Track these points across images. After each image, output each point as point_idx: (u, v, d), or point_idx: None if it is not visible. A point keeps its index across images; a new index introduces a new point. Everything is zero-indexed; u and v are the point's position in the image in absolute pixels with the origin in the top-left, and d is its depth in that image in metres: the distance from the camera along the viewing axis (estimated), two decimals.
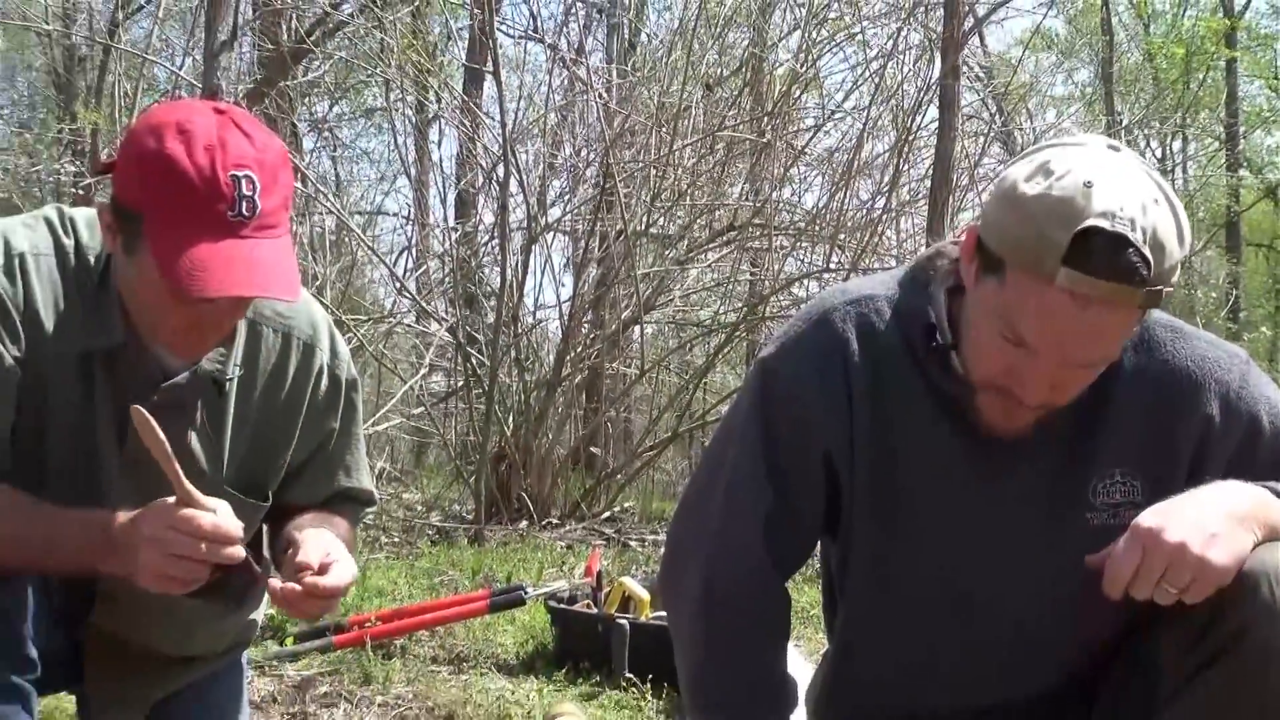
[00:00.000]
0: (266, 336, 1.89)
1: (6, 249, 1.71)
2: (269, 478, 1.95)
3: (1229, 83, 15.85)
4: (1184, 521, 1.41)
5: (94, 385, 1.77)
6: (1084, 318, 1.40)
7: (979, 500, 1.62)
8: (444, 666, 3.51)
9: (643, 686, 3.24)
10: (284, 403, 1.92)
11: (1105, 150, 1.48)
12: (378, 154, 13.37)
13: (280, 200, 1.68)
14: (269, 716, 3.12)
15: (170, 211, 1.61)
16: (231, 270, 1.60)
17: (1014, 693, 1.73)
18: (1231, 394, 1.60)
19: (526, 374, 7.11)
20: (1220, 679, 1.45)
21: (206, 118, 1.65)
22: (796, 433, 1.64)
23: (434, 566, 4.96)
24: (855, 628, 1.77)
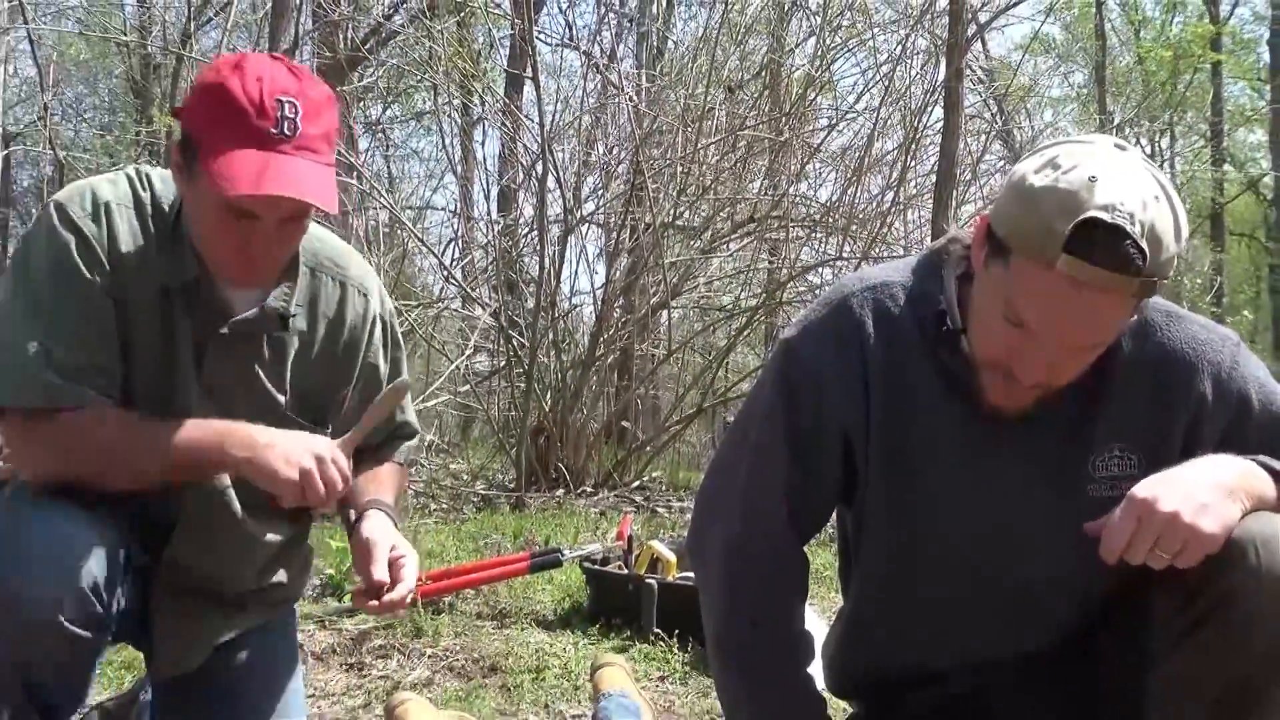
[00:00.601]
0: (325, 283, 1.95)
1: (94, 199, 1.79)
2: (330, 411, 1.99)
3: (1214, 84, 15.76)
4: (1176, 492, 1.40)
5: (174, 320, 1.82)
6: (1081, 302, 1.39)
7: (986, 474, 1.61)
8: (488, 621, 3.52)
9: (669, 641, 3.24)
10: (344, 344, 1.98)
11: (1112, 149, 1.46)
12: (427, 153, 13.43)
13: (322, 131, 1.74)
14: (329, 666, 3.14)
15: (222, 129, 1.68)
16: (268, 174, 1.66)
17: (1017, 649, 1.72)
18: (1223, 374, 1.59)
19: (563, 354, 7.12)
20: (1209, 638, 1.43)
21: (262, 59, 1.76)
22: (815, 409, 1.63)
23: (479, 531, 4.98)
24: (869, 589, 1.76)
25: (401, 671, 3.08)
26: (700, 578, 1.77)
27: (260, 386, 1.88)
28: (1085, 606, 1.68)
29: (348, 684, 3.02)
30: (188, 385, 1.83)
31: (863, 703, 1.89)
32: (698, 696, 2.94)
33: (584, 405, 7.06)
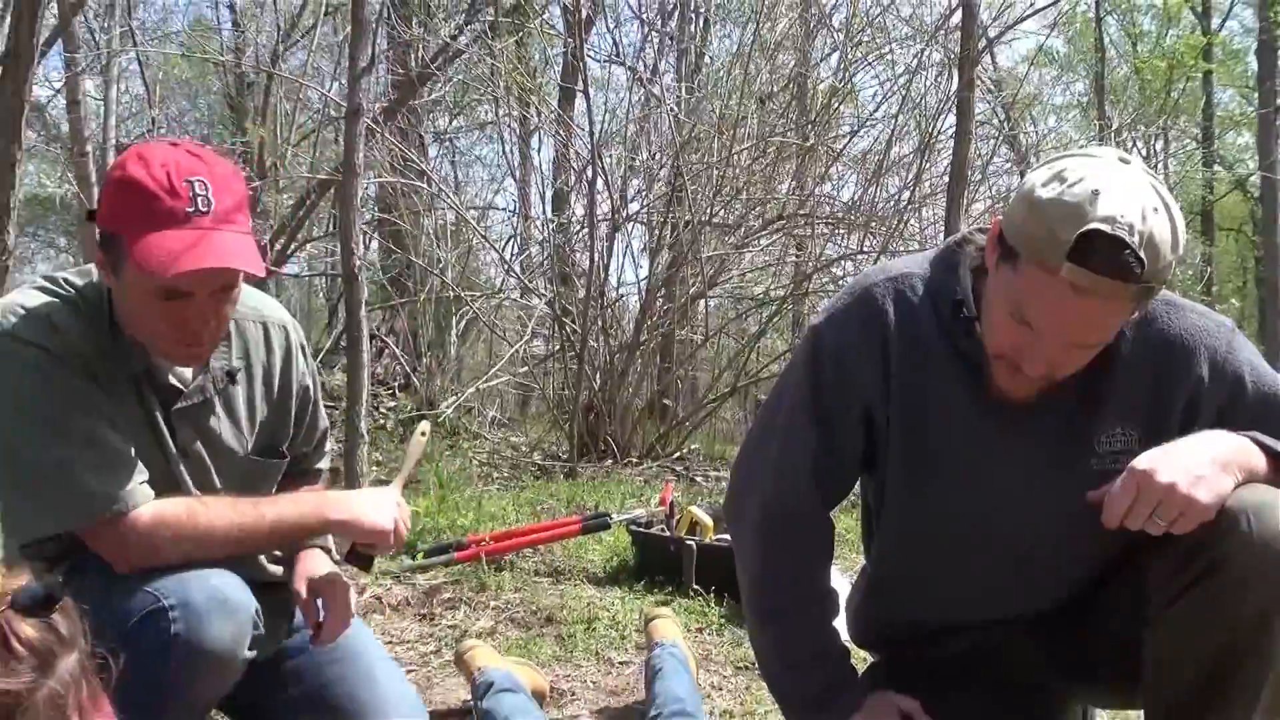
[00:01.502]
0: (249, 329, 1.93)
1: (31, 314, 1.70)
2: (282, 438, 2.00)
3: (1205, 91, 15.47)
4: (1174, 465, 1.38)
5: (145, 400, 1.79)
6: (1082, 306, 1.37)
7: (997, 449, 1.59)
8: (544, 578, 3.54)
9: (707, 596, 3.24)
10: (279, 376, 1.97)
11: (1116, 163, 1.44)
12: (489, 159, 13.40)
13: (234, 203, 1.68)
14: (404, 617, 3.16)
15: (140, 219, 1.62)
16: (196, 250, 1.61)
17: (1025, 607, 1.71)
18: (1219, 358, 1.56)
19: (611, 339, 7.12)
20: (1202, 598, 1.41)
21: (161, 147, 1.69)
22: (841, 388, 1.61)
23: (536, 497, 5.00)
24: (889, 552, 1.75)
25: (468, 621, 3.09)
26: (736, 540, 1.76)
27: (219, 443, 1.88)
28: (1088, 569, 1.66)
29: (420, 632, 3.05)
30: (169, 453, 1.81)
31: (882, 653, 1.88)
32: (732, 646, 2.94)
33: (630, 385, 7.07)
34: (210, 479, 1.86)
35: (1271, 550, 1.36)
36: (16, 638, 1.06)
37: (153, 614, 1.63)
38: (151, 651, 1.61)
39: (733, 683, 2.71)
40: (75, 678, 1.09)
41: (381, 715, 1.96)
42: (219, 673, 1.70)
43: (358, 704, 1.96)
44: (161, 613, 1.63)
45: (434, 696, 2.51)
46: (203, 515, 1.73)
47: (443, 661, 2.79)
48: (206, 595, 1.65)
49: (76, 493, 1.66)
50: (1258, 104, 15.10)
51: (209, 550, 1.72)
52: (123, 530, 1.67)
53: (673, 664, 2.39)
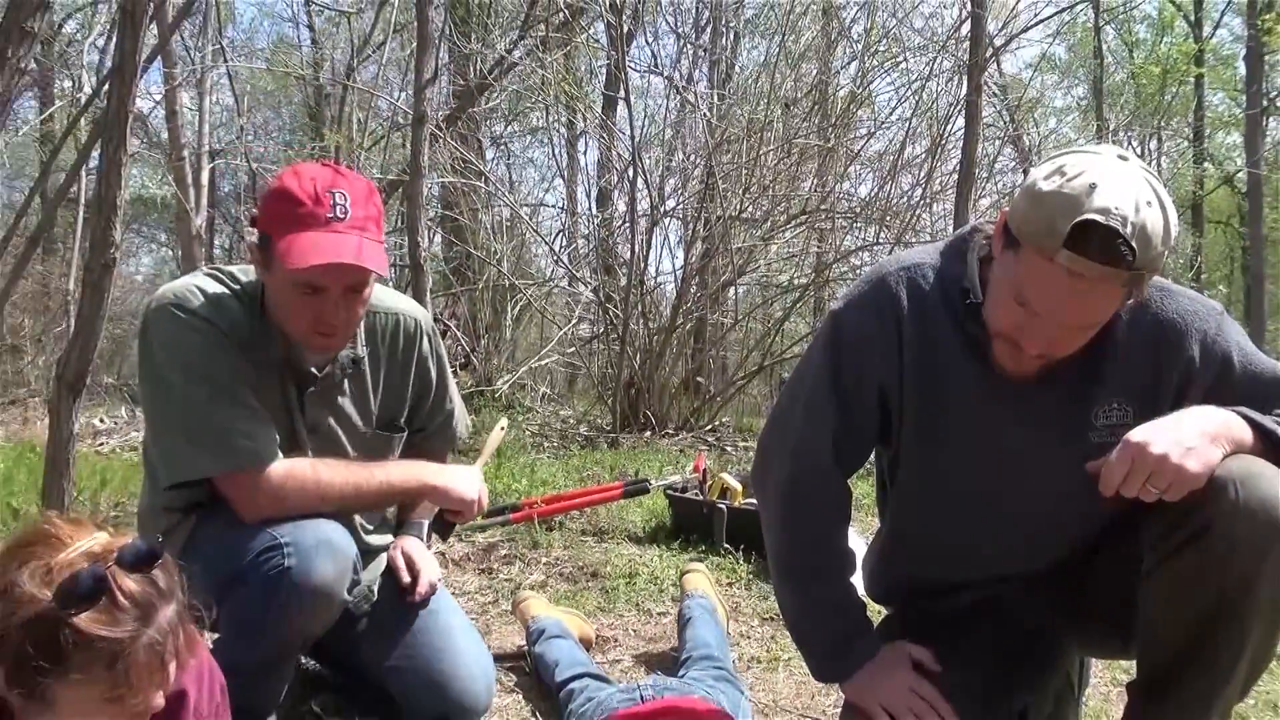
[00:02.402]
0: (379, 319, 2.00)
1: (203, 293, 1.81)
2: (400, 415, 2.07)
3: (1197, 94, 15.15)
4: (1166, 437, 1.35)
5: (284, 380, 1.87)
6: (1077, 290, 1.36)
7: (1001, 424, 1.57)
8: (590, 537, 3.55)
9: (736, 554, 3.24)
10: (402, 360, 2.04)
11: (1115, 159, 1.41)
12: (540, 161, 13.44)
13: (369, 214, 1.76)
14: (465, 571, 3.19)
15: (287, 222, 1.71)
16: (327, 249, 1.68)
17: (1028, 565, 1.69)
18: (1209, 339, 1.53)
19: (649, 323, 7.11)
20: (1191, 559, 1.39)
21: (313, 165, 1.79)
22: (858, 367, 1.60)
23: (582, 464, 5.02)
24: (902, 517, 1.74)
25: (522, 575, 3.11)
26: (762, 504, 1.76)
27: (348, 418, 1.96)
28: (1086, 532, 1.64)
29: (479, 585, 3.07)
30: (299, 427, 1.89)
31: (896, 606, 1.87)
32: (759, 599, 2.94)
33: (666, 364, 7.07)
34: (338, 450, 1.94)
35: (1256, 516, 1.34)
36: (121, 591, 1.08)
37: (269, 550, 1.70)
38: (265, 581, 1.68)
39: (759, 632, 2.71)
40: (173, 626, 1.11)
41: (459, 681, 2.01)
42: (321, 606, 1.75)
43: (442, 670, 2.01)
44: (277, 549, 1.69)
45: (492, 642, 2.53)
46: (324, 473, 1.81)
47: (500, 611, 2.82)
48: (316, 538, 1.72)
49: (227, 444, 1.75)
50: (1245, 105, 14.78)
51: (327, 504, 1.80)
52: (258, 480, 1.75)
53: (701, 613, 2.39)
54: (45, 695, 1.06)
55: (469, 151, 7.75)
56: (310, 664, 2.23)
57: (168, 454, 1.80)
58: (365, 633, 2.04)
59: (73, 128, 8.15)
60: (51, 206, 7.73)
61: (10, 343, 11.17)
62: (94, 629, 1.05)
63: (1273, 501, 1.34)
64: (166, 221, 17.53)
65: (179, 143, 8.79)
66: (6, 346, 11.07)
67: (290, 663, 1.84)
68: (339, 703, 2.10)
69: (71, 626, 1.04)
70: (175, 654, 1.11)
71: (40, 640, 1.04)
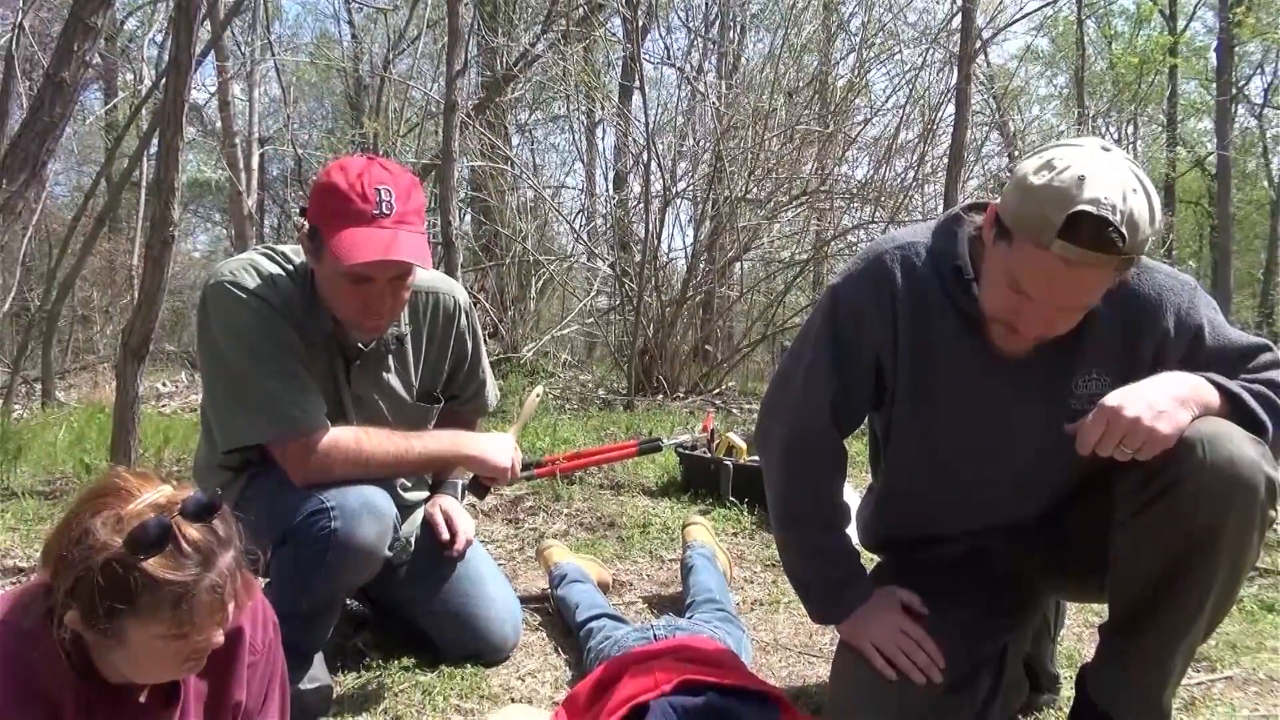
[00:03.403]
0: (421, 298, 1.98)
1: (258, 272, 1.79)
2: (438, 386, 2.06)
3: (1171, 82, 14.91)
4: (1139, 401, 1.34)
5: (332, 355, 1.86)
6: (1071, 276, 1.34)
7: (989, 391, 1.55)
8: (607, 490, 3.56)
9: (741, 507, 3.24)
10: (441, 335, 2.02)
11: (1098, 151, 1.38)
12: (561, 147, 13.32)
13: (413, 208, 1.73)
14: (494, 521, 3.21)
15: (336, 216, 1.68)
16: (374, 245, 1.66)
17: (1011, 518, 1.68)
18: (1183, 312, 1.51)
19: (662, 295, 7.08)
20: (1161, 511, 1.38)
21: (359, 160, 1.74)
22: (855, 336, 1.58)
23: (600, 425, 5.03)
24: (894, 476, 1.72)
25: (545, 525, 3.13)
26: (765, 460, 1.75)
27: (391, 390, 1.95)
28: (1065, 487, 1.63)
29: (507, 534, 3.09)
30: (345, 398, 1.88)
31: (887, 554, 1.87)
32: (762, 548, 2.94)
33: (677, 333, 7.05)
34: (380, 419, 1.93)
35: (1222, 473, 1.33)
36: (185, 539, 1.09)
37: (316, 513, 1.70)
38: (313, 541, 1.68)
39: (761, 578, 2.72)
40: (231, 571, 1.12)
41: (489, 622, 2.04)
42: (364, 564, 1.76)
43: (473, 613, 2.03)
44: (323, 512, 1.70)
45: (518, 586, 2.55)
46: (367, 442, 1.80)
47: (525, 557, 2.83)
48: (360, 502, 1.72)
49: (278, 414, 1.74)
50: (1216, 93, 14.54)
51: (370, 471, 1.79)
52: (306, 448, 1.75)
53: (703, 562, 2.40)
54: (117, 633, 1.08)
55: (496, 138, 7.70)
56: (355, 605, 2.25)
57: (224, 421, 1.80)
58: (405, 580, 2.05)
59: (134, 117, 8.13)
60: (116, 189, 7.74)
61: (81, 314, 11.24)
62: (160, 573, 1.06)
63: (1237, 459, 1.33)
64: (220, 203, 17.58)
65: (231, 130, 8.77)
66: (78, 318, 11.14)
67: (335, 609, 1.86)
68: (380, 640, 2.13)
69: (140, 570, 1.05)
70: (234, 596, 1.12)
71: (112, 583, 1.05)
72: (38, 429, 4.97)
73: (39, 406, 6.64)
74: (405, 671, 1.97)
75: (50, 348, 7.39)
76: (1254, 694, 1.98)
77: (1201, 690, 1.98)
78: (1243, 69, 16.15)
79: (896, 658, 1.53)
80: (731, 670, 1.67)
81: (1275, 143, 18.37)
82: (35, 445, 4.46)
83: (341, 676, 1.96)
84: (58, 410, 6.26)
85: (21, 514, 3.26)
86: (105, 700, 1.15)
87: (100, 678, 1.14)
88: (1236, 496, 1.34)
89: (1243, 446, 1.35)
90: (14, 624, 1.11)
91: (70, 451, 4.35)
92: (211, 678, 1.26)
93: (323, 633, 1.85)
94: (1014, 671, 1.72)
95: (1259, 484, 1.34)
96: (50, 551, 1.12)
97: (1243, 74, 16.21)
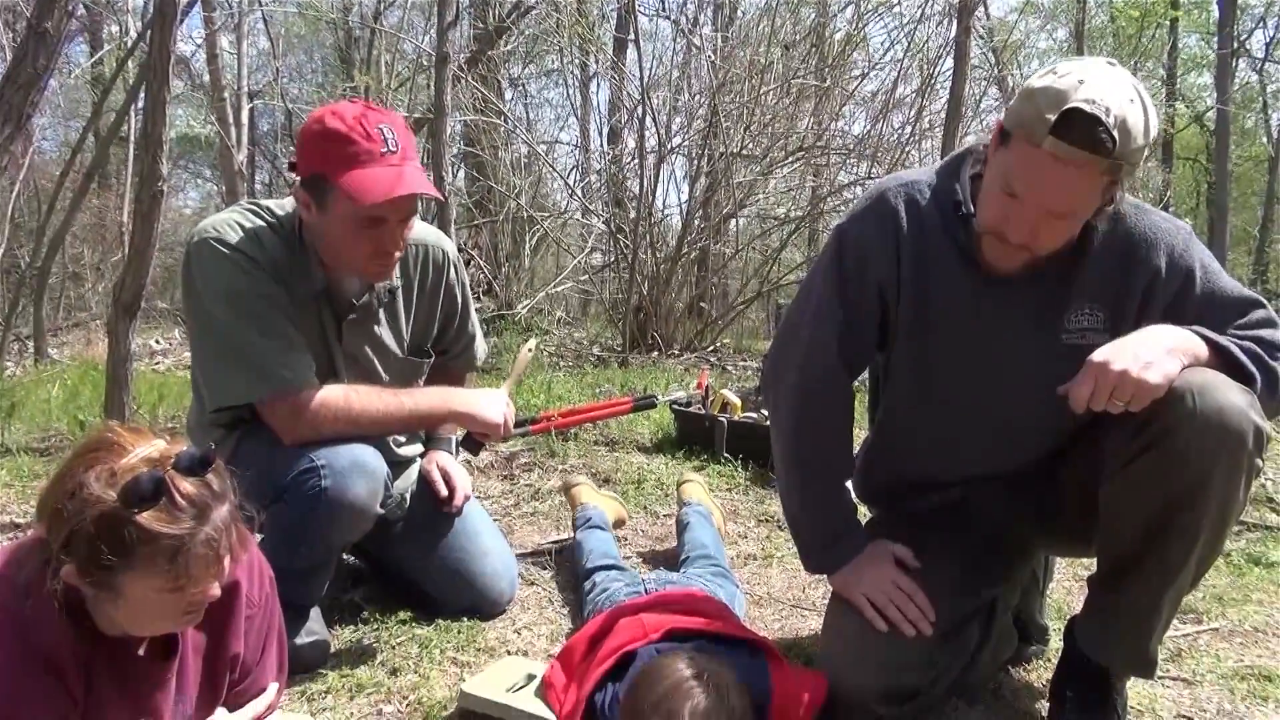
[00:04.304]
0: (411, 252, 1.95)
1: (241, 228, 1.76)
2: (428, 340, 2.04)
3: (1172, 36, 14.72)
4: (1126, 354, 1.35)
5: (319, 310, 1.84)
6: (1059, 174, 1.35)
7: (985, 324, 1.56)
8: (602, 447, 3.57)
9: (735, 463, 3.26)
10: (431, 287, 2.00)
11: (1104, 64, 1.40)
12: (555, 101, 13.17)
13: (411, 144, 1.72)
14: (489, 477, 3.22)
15: (345, 160, 1.65)
16: (394, 182, 1.64)
17: (1005, 464, 1.69)
18: (1175, 253, 1.51)
19: (657, 252, 7.05)
20: (1151, 461, 1.39)
21: (346, 104, 1.71)
22: (860, 272, 1.59)
23: (595, 381, 5.03)
24: (892, 415, 1.73)
25: (540, 481, 3.14)
26: (772, 405, 1.74)
27: (383, 345, 1.93)
28: (1058, 433, 1.63)
29: (502, 489, 3.10)
30: (336, 355, 1.86)
31: (882, 506, 1.87)
32: (755, 504, 2.96)
33: (672, 290, 7.03)
34: (372, 375, 1.92)
35: (1211, 423, 1.34)
36: (179, 493, 1.08)
37: (306, 471, 1.69)
38: (304, 500, 1.68)
39: (755, 532, 2.74)
40: (227, 524, 1.12)
41: (485, 577, 2.05)
42: (355, 522, 1.76)
43: (469, 568, 2.05)
44: (313, 470, 1.69)
45: (514, 540, 2.56)
46: (356, 400, 1.78)
47: (521, 513, 2.85)
48: (350, 460, 1.72)
49: (267, 371, 1.72)
50: (1217, 46, 14.38)
51: (359, 428, 1.78)
52: (295, 407, 1.73)
53: (698, 518, 2.42)
54: (114, 586, 1.08)
55: (489, 92, 7.60)
56: (351, 559, 2.26)
57: (212, 380, 1.78)
58: (401, 536, 2.06)
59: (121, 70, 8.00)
60: (104, 144, 7.64)
61: (72, 271, 11.18)
62: (155, 526, 1.06)
63: (1226, 408, 1.34)
64: (211, 158, 17.37)
65: (220, 84, 8.64)
66: (69, 275, 11.08)
67: (330, 565, 1.87)
68: (377, 594, 2.14)
69: (135, 524, 1.05)
70: (229, 549, 1.13)
71: (107, 536, 1.05)
72: (31, 386, 4.97)
73: (32, 363, 6.62)
74: (402, 625, 1.99)
75: (41, 304, 7.36)
76: (1239, 645, 2.01)
77: (1188, 641, 2.01)
78: (1244, 22, 15.96)
79: (887, 609, 1.55)
80: (720, 620, 1.68)
81: (1275, 98, 18.24)
82: (29, 402, 4.46)
83: (339, 630, 1.98)
84: (51, 367, 6.25)
85: (17, 470, 3.27)
86: (103, 653, 1.16)
87: (97, 631, 1.15)
88: (1225, 445, 1.34)
89: (1231, 395, 1.35)
90: (9, 578, 1.12)
91: (64, 408, 4.35)
92: (209, 631, 1.27)
93: (319, 588, 1.86)
94: (1003, 624, 1.74)
95: (1247, 432, 1.34)
96: (45, 505, 1.12)
97: (1244, 27, 16.02)
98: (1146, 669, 1.55)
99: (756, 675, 1.48)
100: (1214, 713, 1.70)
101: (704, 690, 1.31)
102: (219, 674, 1.29)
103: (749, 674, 1.46)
